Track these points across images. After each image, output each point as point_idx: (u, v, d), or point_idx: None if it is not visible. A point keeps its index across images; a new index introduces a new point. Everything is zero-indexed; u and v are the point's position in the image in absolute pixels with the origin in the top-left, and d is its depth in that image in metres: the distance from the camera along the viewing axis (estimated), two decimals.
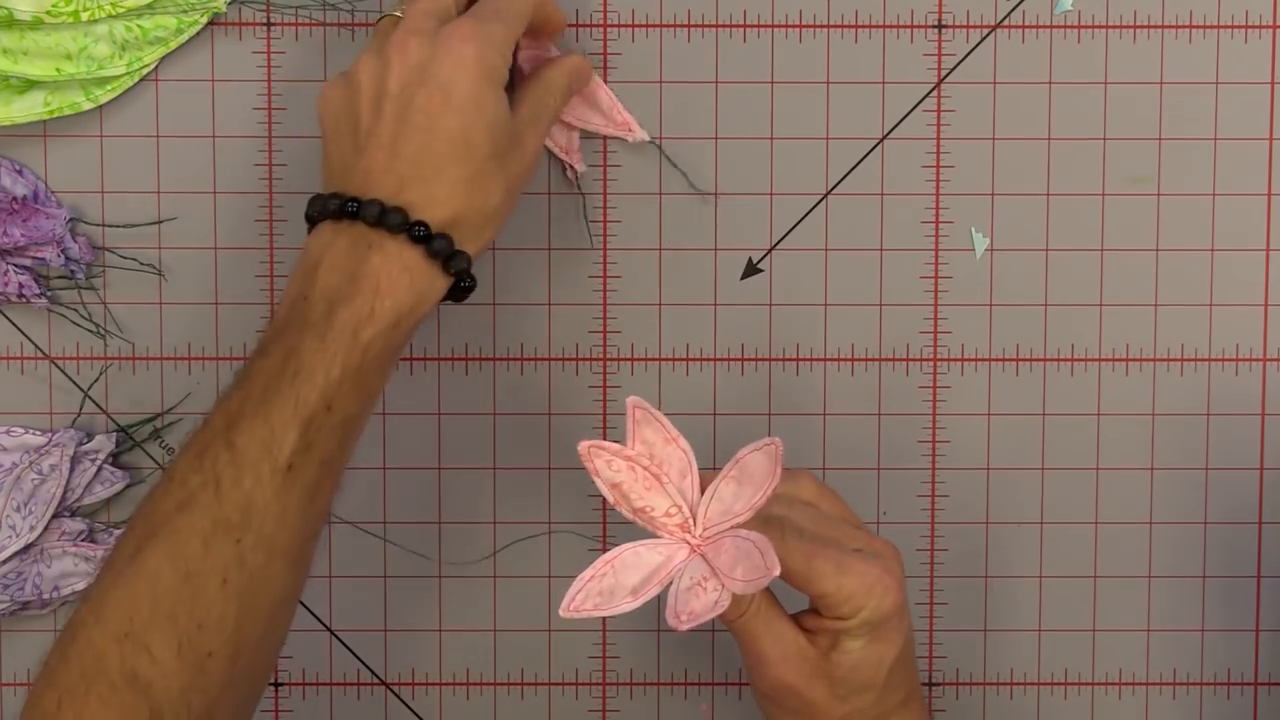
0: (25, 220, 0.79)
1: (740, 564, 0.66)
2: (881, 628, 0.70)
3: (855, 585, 0.69)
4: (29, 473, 0.80)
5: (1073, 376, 0.83)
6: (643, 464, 0.68)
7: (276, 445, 0.67)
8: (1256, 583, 0.84)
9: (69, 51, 0.79)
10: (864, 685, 0.71)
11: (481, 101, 0.71)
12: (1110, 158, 0.82)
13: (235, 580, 0.66)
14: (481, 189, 0.72)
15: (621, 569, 0.68)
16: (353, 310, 0.69)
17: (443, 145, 0.71)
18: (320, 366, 0.68)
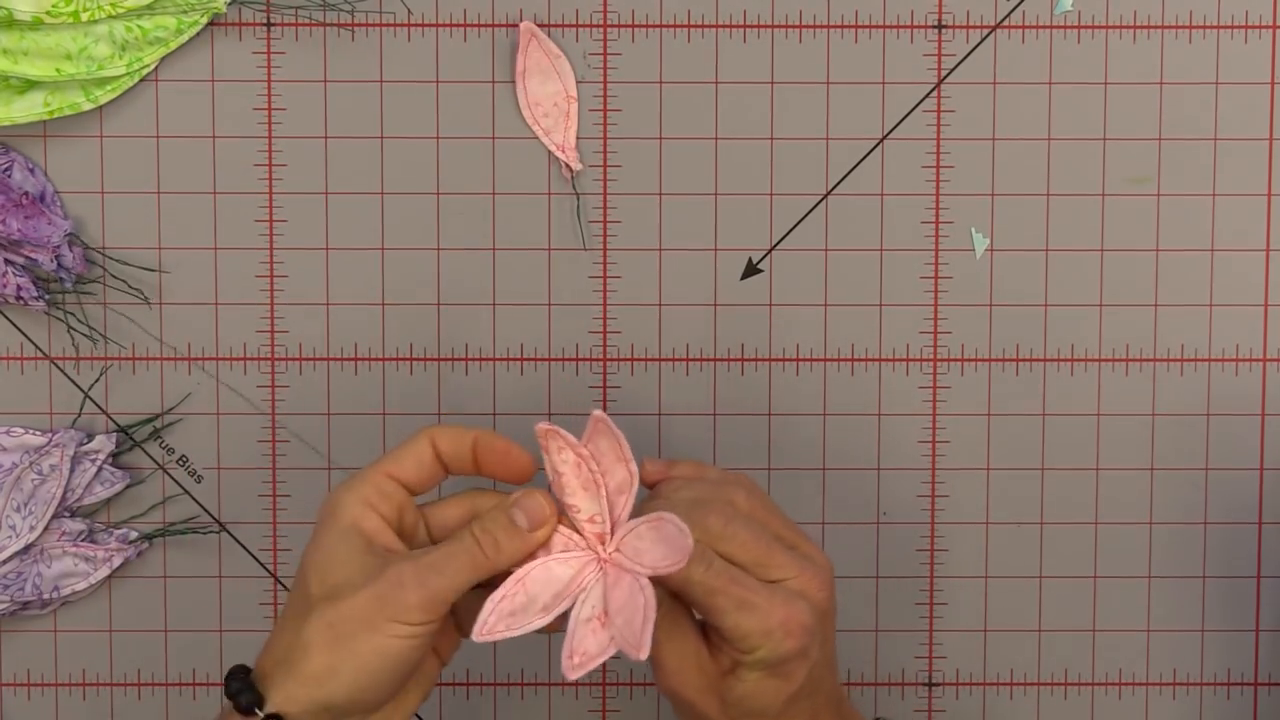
0: (27, 218, 0.79)
1: (622, 612, 0.66)
2: (779, 667, 0.68)
3: (752, 626, 0.67)
4: (29, 473, 0.80)
5: (1073, 376, 0.83)
6: (589, 465, 0.68)
7: None
8: (1256, 583, 0.84)
9: (69, 52, 0.79)
10: (757, 712, 0.69)
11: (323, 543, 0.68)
12: (1110, 158, 0.82)
13: None
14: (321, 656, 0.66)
15: (532, 585, 0.67)
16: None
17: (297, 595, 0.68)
18: None
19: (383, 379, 0.83)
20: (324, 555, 0.67)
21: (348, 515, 0.68)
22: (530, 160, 0.82)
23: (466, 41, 0.82)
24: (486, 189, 0.82)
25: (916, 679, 0.84)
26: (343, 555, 0.67)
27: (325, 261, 0.83)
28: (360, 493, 0.68)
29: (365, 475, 0.68)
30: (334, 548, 0.67)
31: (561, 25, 0.82)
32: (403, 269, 0.82)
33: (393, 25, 0.81)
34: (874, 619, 0.84)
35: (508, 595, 0.67)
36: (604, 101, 0.82)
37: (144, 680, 0.84)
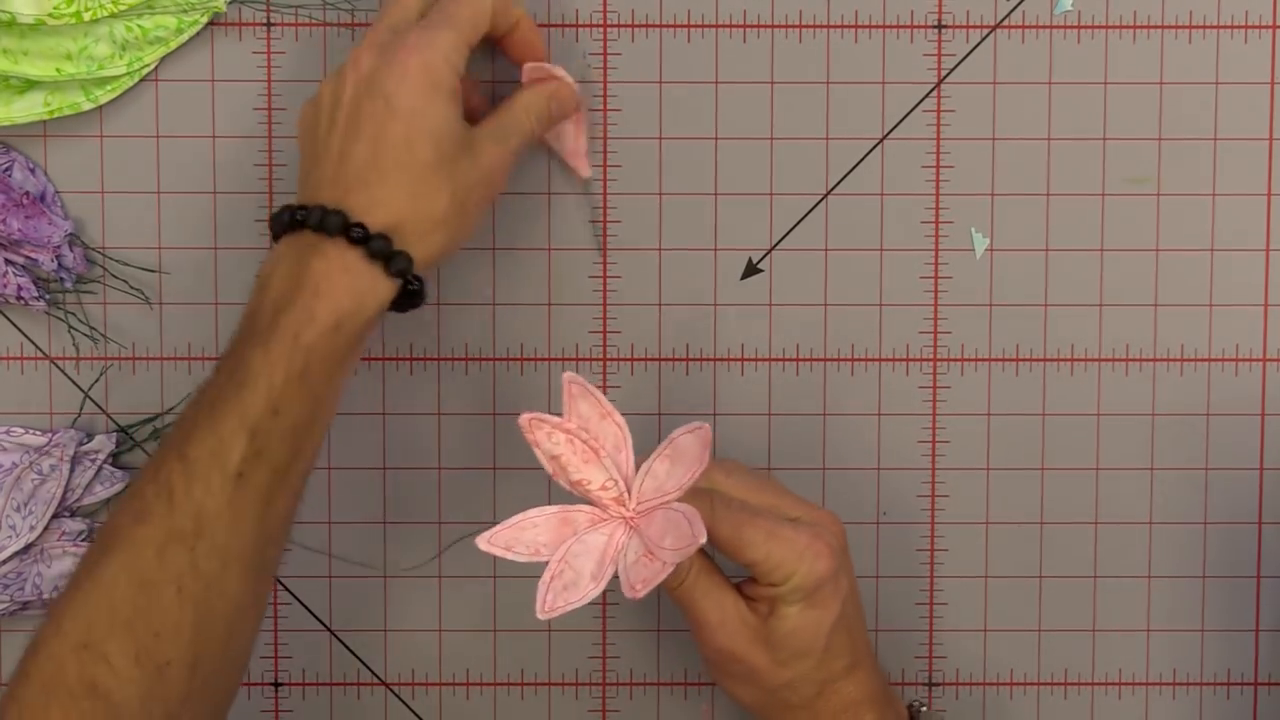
0: (28, 218, 0.79)
1: (669, 534, 0.70)
2: (816, 594, 0.72)
3: (784, 552, 0.72)
4: (29, 473, 0.80)
5: (1073, 376, 0.83)
6: (581, 438, 0.71)
7: (225, 453, 0.67)
8: (1256, 583, 0.84)
9: (69, 51, 0.79)
10: (803, 650, 0.73)
11: (424, 109, 0.72)
12: (1110, 158, 0.82)
13: (190, 588, 0.67)
14: (425, 194, 0.72)
15: (574, 559, 0.71)
16: (293, 315, 0.69)
17: (385, 151, 0.71)
18: (264, 373, 0.68)
19: (383, 379, 0.83)
20: (435, 122, 0.72)
21: (448, 83, 0.72)
22: (530, 160, 0.82)
23: None
24: None
25: (916, 679, 0.84)
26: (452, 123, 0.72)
27: None
28: (453, 62, 0.73)
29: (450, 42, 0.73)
30: (443, 115, 0.72)
31: (561, 25, 0.82)
32: None
33: None
34: (874, 619, 0.84)
35: (556, 575, 0.70)
36: (604, 101, 0.82)
37: None
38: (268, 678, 0.84)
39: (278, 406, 0.68)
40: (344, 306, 0.70)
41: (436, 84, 0.72)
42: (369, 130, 0.71)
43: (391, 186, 0.71)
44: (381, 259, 0.70)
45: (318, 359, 0.69)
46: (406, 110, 0.71)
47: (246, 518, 0.68)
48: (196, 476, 0.67)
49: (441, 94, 0.72)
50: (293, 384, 0.68)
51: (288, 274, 0.70)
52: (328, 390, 0.70)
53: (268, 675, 0.84)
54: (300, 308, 0.69)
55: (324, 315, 0.69)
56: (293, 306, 0.69)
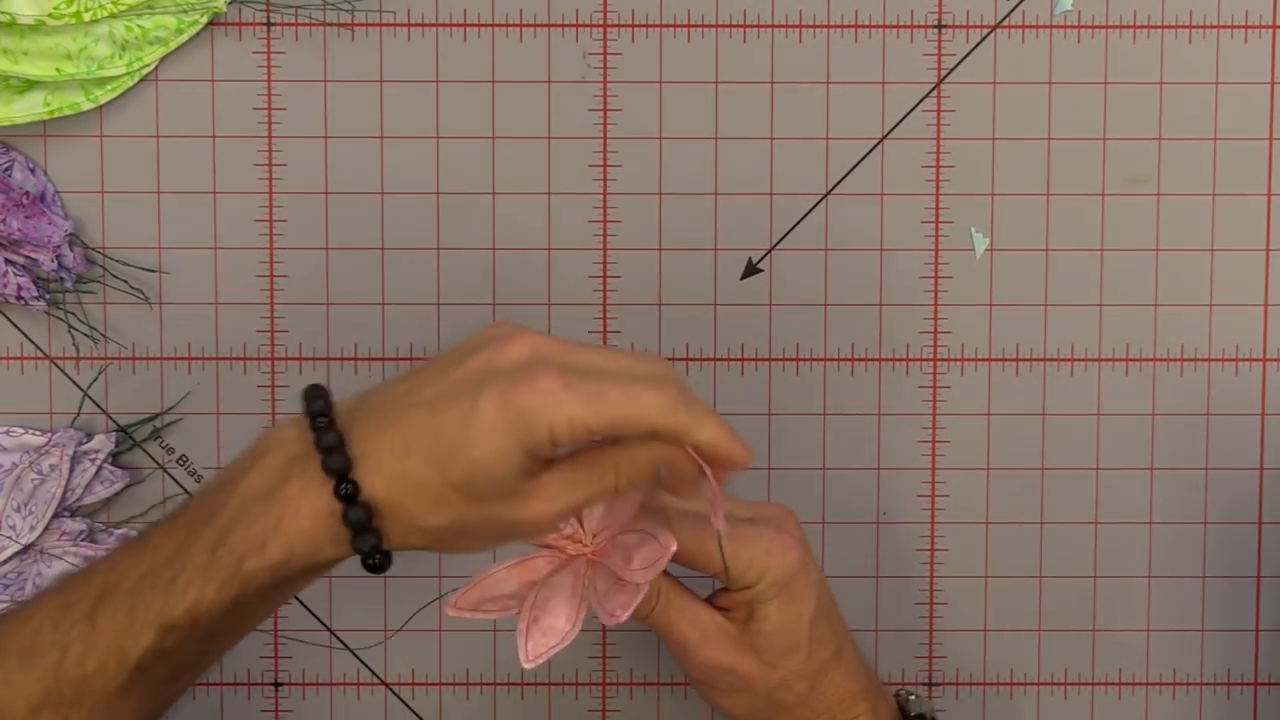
0: (28, 218, 0.79)
1: (636, 554, 0.68)
2: (790, 587, 0.71)
3: (752, 551, 0.70)
4: (29, 473, 0.80)
5: (1073, 376, 0.83)
6: None
7: (131, 641, 0.63)
8: (1256, 583, 0.84)
9: (69, 51, 0.79)
10: (790, 646, 0.72)
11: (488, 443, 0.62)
12: (1110, 158, 0.82)
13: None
14: (431, 505, 0.63)
15: (545, 604, 0.69)
16: (248, 535, 0.63)
17: (429, 440, 0.63)
18: (197, 583, 0.63)
19: (383, 379, 0.83)
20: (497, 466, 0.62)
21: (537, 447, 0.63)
22: (530, 159, 0.82)
23: (466, 41, 0.82)
24: (486, 189, 0.82)
25: (916, 679, 0.84)
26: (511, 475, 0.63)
27: (325, 261, 0.83)
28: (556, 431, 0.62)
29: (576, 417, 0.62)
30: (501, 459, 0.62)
31: (561, 25, 0.82)
32: (403, 269, 0.82)
33: (393, 25, 0.82)
34: (874, 619, 0.84)
35: (531, 623, 0.68)
36: (604, 101, 0.82)
37: None
38: (268, 678, 0.84)
39: (199, 620, 0.63)
40: (297, 550, 0.64)
41: (520, 435, 0.62)
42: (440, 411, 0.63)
43: (408, 472, 0.63)
44: (351, 528, 0.63)
45: (254, 589, 0.64)
46: (477, 430, 0.62)
47: (131, 704, 0.64)
48: (94, 650, 0.63)
49: (517, 443, 0.62)
50: (221, 605, 0.64)
51: (269, 478, 0.64)
52: (259, 612, 0.66)
53: (268, 675, 0.84)
54: (257, 531, 0.63)
55: (275, 552, 0.63)
56: (251, 524, 0.63)
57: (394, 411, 0.64)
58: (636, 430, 0.63)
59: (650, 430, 0.63)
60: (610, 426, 0.62)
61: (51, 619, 0.65)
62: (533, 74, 0.82)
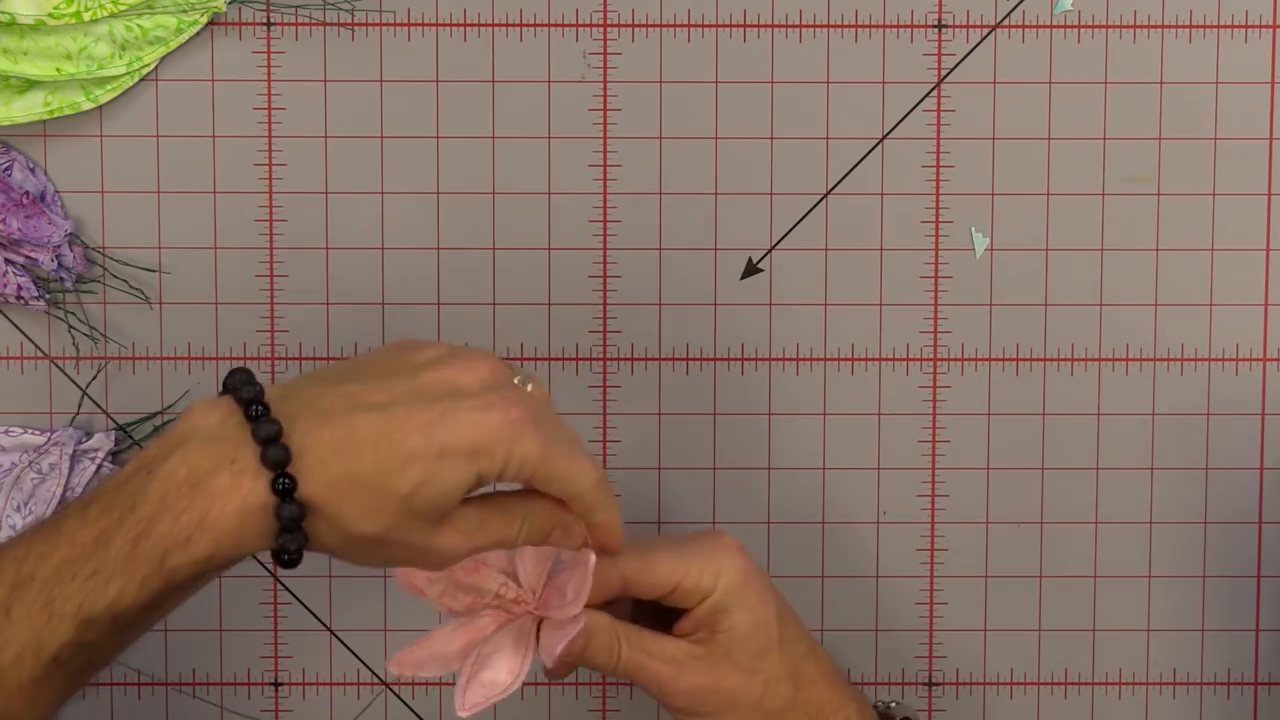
0: (27, 218, 0.79)
1: (568, 587, 0.68)
2: (747, 588, 0.71)
3: (700, 559, 0.70)
4: (29, 472, 0.80)
5: (1073, 376, 0.83)
6: (451, 591, 0.70)
7: (49, 634, 0.62)
8: (1256, 583, 0.84)
9: (69, 51, 0.79)
10: (763, 649, 0.71)
11: (449, 457, 0.63)
12: (1110, 158, 0.82)
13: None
14: (369, 511, 0.63)
15: (484, 661, 0.69)
16: (173, 529, 0.61)
17: (386, 446, 0.62)
18: (118, 578, 0.61)
19: None
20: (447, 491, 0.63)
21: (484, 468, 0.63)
22: (531, 160, 0.82)
23: (466, 41, 0.82)
24: (486, 189, 0.82)
25: (916, 679, 0.84)
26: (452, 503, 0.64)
27: (325, 261, 0.83)
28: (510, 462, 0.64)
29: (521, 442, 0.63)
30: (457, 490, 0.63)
31: (561, 25, 0.82)
32: (403, 269, 0.82)
33: (393, 25, 0.82)
34: (874, 619, 0.84)
35: (471, 676, 0.69)
36: (604, 101, 0.82)
37: (144, 680, 0.84)
38: (268, 678, 0.84)
39: (119, 615, 0.62)
40: (223, 547, 0.62)
41: (481, 460, 0.63)
42: (399, 419, 0.63)
43: (352, 475, 0.62)
44: (282, 526, 0.62)
45: (176, 584, 0.62)
46: (436, 445, 0.63)
47: (47, 694, 0.63)
48: (10, 644, 0.62)
49: (473, 468, 0.63)
50: (143, 600, 0.62)
51: (193, 466, 0.62)
52: (175, 601, 0.64)
53: (268, 675, 0.84)
54: (182, 525, 0.61)
55: (201, 547, 0.61)
56: (176, 517, 0.61)
57: (341, 412, 0.63)
58: (562, 489, 0.65)
59: (573, 495, 0.66)
60: (546, 478, 0.65)
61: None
62: (533, 74, 0.82)
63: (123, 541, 0.62)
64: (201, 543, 0.61)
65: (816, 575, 0.84)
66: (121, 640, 0.64)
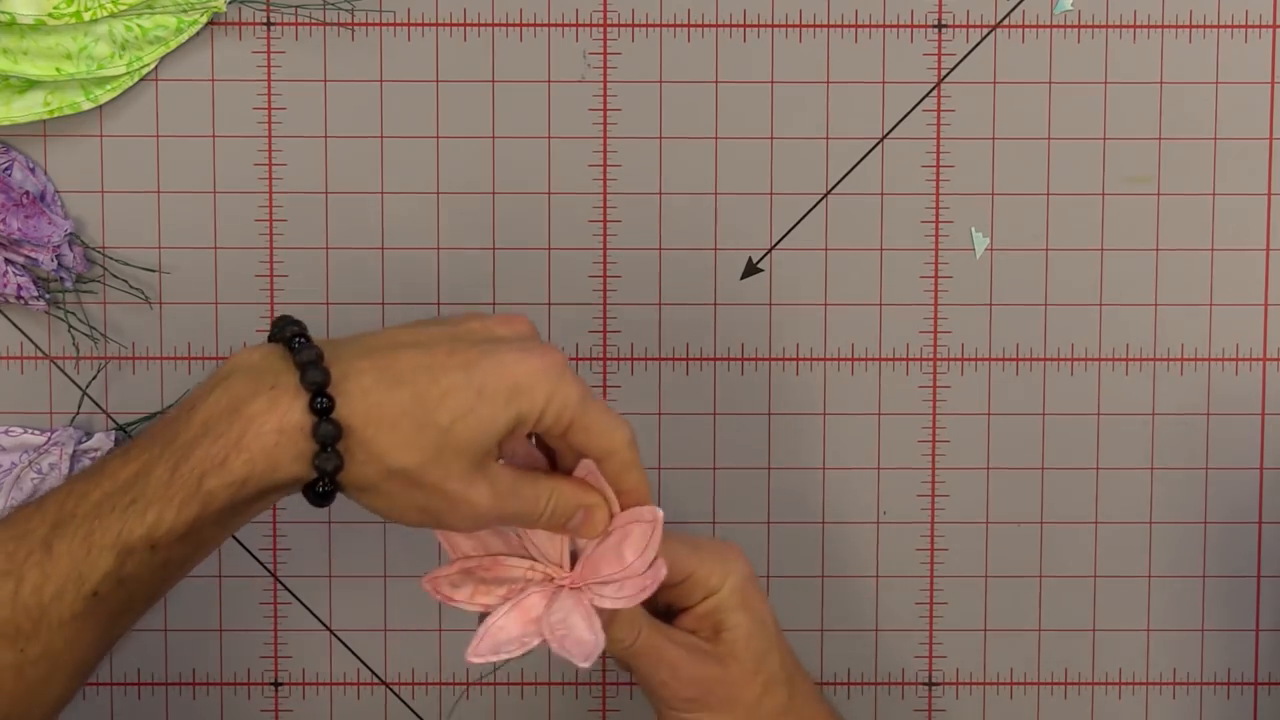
0: (27, 218, 0.79)
1: (626, 546, 0.68)
2: (749, 590, 0.71)
3: (712, 558, 0.71)
4: (29, 472, 0.80)
5: (1073, 376, 0.83)
6: (471, 564, 0.69)
7: (89, 567, 0.63)
8: (1256, 583, 0.84)
9: (69, 51, 0.79)
10: (764, 650, 0.72)
11: (489, 394, 0.64)
12: (1110, 158, 0.82)
13: (9, 688, 0.63)
14: (405, 442, 0.63)
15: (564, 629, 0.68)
16: (209, 452, 0.62)
17: (425, 379, 0.63)
18: (156, 503, 0.62)
19: None
20: (485, 429, 0.64)
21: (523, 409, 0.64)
22: (531, 160, 0.82)
23: (466, 41, 0.82)
24: (486, 189, 0.82)
25: (916, 679, 0.84)
26: (489, 441, 0.64)
27: (325, 261, 0.83)
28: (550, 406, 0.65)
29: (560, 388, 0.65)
30: (495, 427, 0.64)
31: (561, 25, 0.82)
32: (403, 269, 0.82)
33: (393, 25, 0.82)
34: (874, 619, 0.84)
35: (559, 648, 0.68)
36: (604, 101, 0.82)
37: (144, 680, 0.84)
38: (268, 678, 0.84)
39: (157, 543, 0.63)
40: (259, 468, 0.62)
41: (519, 401, 0.64)
42: (439, 355, 0.64)
43: (391, 403, 0.63)
44: (319, 444, 0.63)
45: (213, 509, 0.63)
46: (476, 381, 0.64)
47: (87, 634, 0.64)
48: (51, 578, 0.63)
49: (511, 408, 0.64)
50: (180, 527, 0.63)
51: (233, 396, 0.63)
52: (215, 538, 0.65)
53: (268, 675, 0.84)
54: (219, 448, 0.62)
55: (236, 468, 0.62)
56: (214, 441, 0.62)
57: (383, 348, 0.64)
58: (599, 442, 0.66)
59: (608, 449, 0.67)
60: (584, 427, 0.66)
61: (5, 551, 0.64)
62: (533, 74, 0.82)
63: (162, 470, 0.63)
64: (237, 463, 0.62)
65: (816, 575, 0.84)
66: (158, 580, 0.64)
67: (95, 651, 0.65)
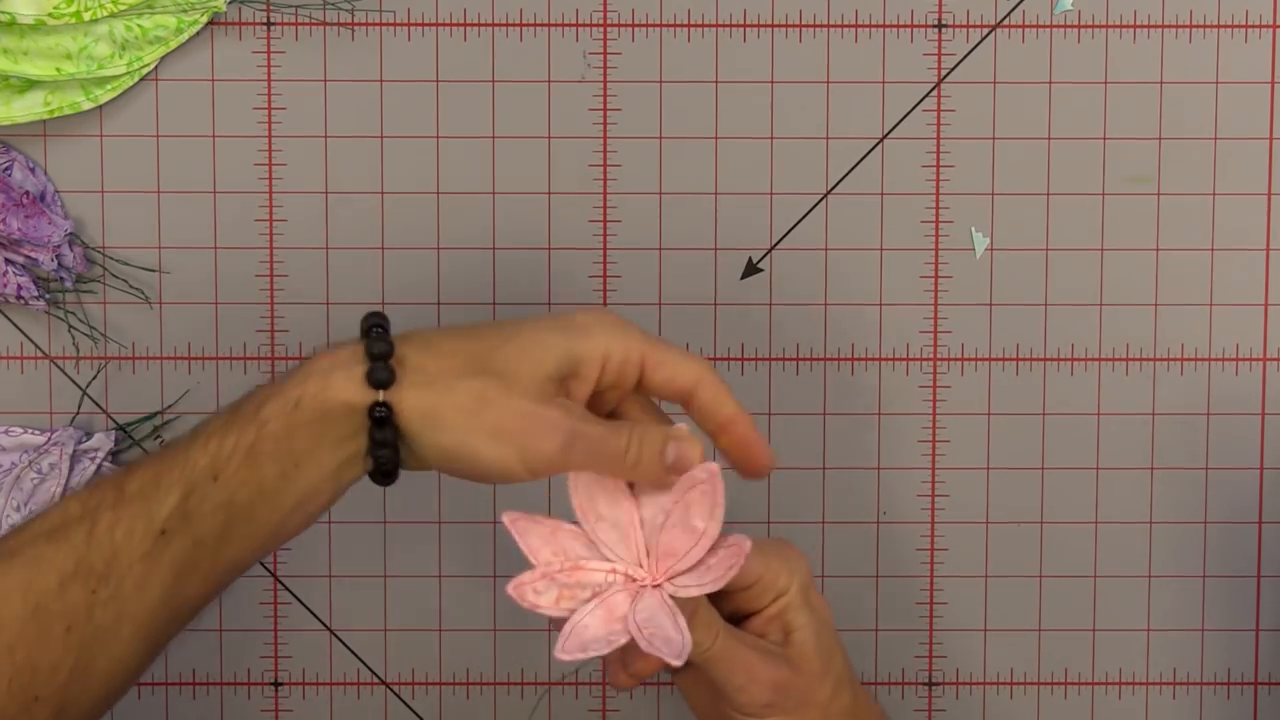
0: (27, 218, 0.79)
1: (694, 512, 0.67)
2: (811, 591, 0.71)
3: (778, 560, 0.70)
4: (29, 472, 0.80)
5: (1073, 376, 0.83)
6: (553, 570, 0.68)
7: (157, 502, 0.64)
8: (1256, 583, 0.84)
9: (69, 51, 0.79)
10: (830, 651, 0.71)
11: (538, 331, 0.66)
12: (1110, 158, 0.82)
13: (79, 632, 0.64)
14: (452, 351, 0.66)
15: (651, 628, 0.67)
16: (267, 389, 0.66)
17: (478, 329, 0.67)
18: (218, 433, 0.65)
19: None
20: (539, 352, 0.66)
21: (582, 341, 0.66)
22: (531, 160, 0.82)
23: (466, 41, 0.82)
24: (486, 189, 0.82)
25: (916, 679, 0.84)
26: (548, 367, 0.65)
27: (325, 261, 0.83)
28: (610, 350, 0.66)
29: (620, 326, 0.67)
30: (550, 353, 0.66)
31: (561, 25, 0.82)
32: (403, 269, 0.82)
33: (393, 25, 0.82)
34: (874, 619, 0.84)
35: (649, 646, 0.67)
36: (604, 101, 0.82)
37: (144, 680, 0.84)
38: (268, 678, 0.84)
39: (218, 472, 0.65)
40: (311, 388, 0.65)
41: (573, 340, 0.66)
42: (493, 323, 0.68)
43: (445, 340, 0.66)
44: (371, 357, 0.65)
45: (269, 434, 0.64)
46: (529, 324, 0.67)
47: (155, 581, 0.65)
48: (123, 515, 0.64)
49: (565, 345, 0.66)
50: (239, 454, 0.65)
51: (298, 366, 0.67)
52: (271, 476, 0.65)
53: (268, 675, 0.84)
54: (276, 382, 0.66)
55: (290, 389, 0.65)
56: (272, 383, 0.66)
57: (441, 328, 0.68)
58: (681, 375, 0.67)
59: (693, 381, 0.67)
60: (658, 362, 0.66)
61: (79, 500, 0.65)
62: (533, 74, 0.82)
63: (225, 413, 0.66)
64: (291, 385, 0.65)
65: (817, 575, 0.84)
66: (224, 526, 0.65)
67: (162, 610, 0.66)
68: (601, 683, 0.84)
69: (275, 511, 0.66)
